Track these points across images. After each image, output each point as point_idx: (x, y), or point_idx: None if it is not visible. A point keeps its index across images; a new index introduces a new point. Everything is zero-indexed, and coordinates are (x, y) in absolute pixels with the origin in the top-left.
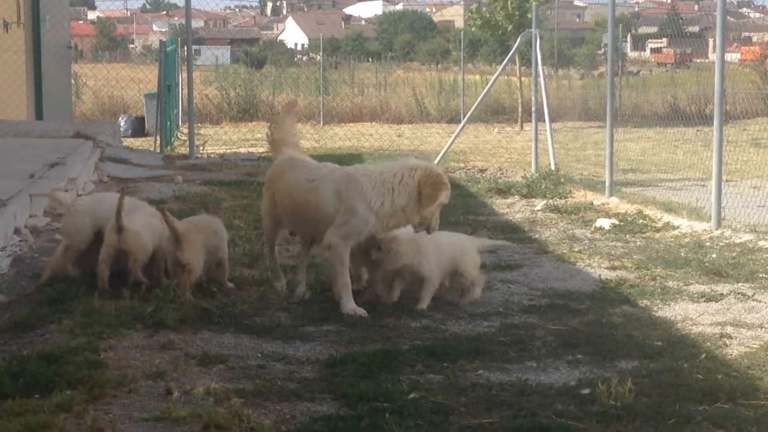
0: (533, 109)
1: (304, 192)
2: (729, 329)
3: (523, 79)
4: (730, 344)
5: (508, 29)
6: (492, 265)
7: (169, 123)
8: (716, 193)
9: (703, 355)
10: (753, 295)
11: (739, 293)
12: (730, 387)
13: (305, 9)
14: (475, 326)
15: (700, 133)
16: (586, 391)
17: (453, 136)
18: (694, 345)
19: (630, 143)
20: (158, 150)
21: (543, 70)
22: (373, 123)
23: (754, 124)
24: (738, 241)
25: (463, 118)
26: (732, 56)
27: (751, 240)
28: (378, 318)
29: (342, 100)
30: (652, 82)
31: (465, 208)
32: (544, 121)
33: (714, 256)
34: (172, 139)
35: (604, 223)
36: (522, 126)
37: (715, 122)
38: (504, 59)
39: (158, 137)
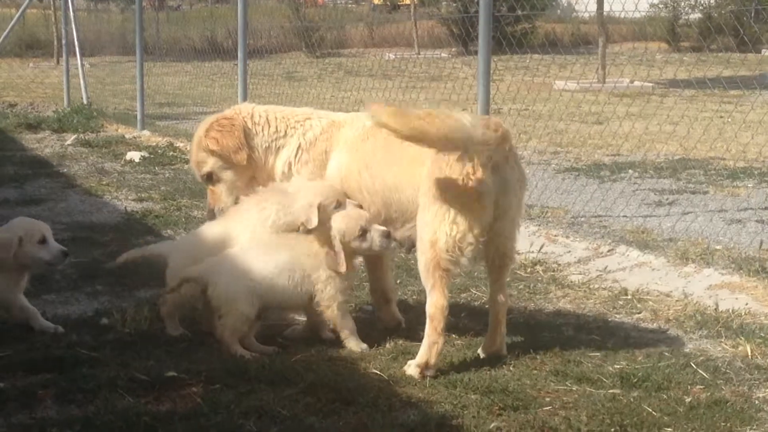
0: (64, 42)
1: None
2: None
3: (58, 12)
4: None
5: None
6: (16, 200)
7: None
8: None
9: None
10: None
11: None
12: None
13: None
14: None
15: (236, 67)
16: (104, 321)
17: None
18: None
19: (168, 77)
20: None
21: (73, 3)
22: None
23: (289, 59)
24: None
25: None
26: None
27: None
28: None
29: None
30: (191, 17)
31: None
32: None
33: None
34: None
35: (135, 155)
36: (58, 61)
37: (240, 55)
38: None
39: None
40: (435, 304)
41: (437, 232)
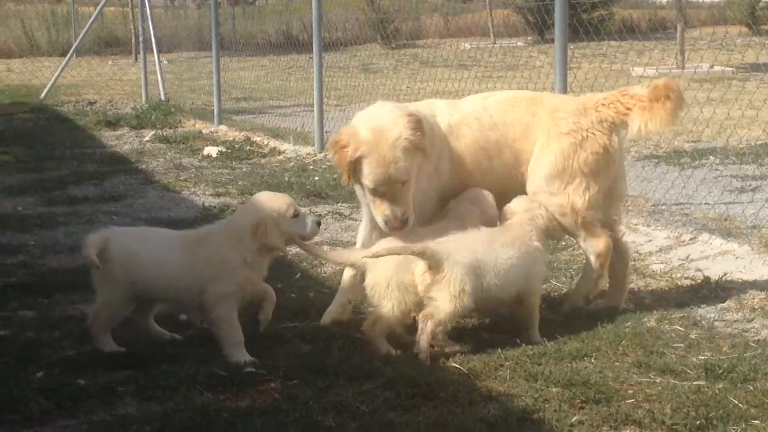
0: (141, 39)
1: None
2: (326, 247)
3: (135, 10)
4: (325, 263)
5: None
6: (96, 197)
7: None
8: (318, 117)
9: (298, 275)
10: (350, 215)
11: (336, 213)
12: (321, 304)
13: None
14: (75, 260)
15: (312, 60)
16: (183, 317)
17: (60, 69)
18: (290, 265)
19: (244, 72)
20: None
21: (149, 0)
22: None
23: (364, 50)
24: None
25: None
26: None
27: None
28: None
29: None
30: (267, 11)
31: (72, 142)
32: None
33: (316, 178)
34: None
35: (212, 150)
36: (136, 58)
37: (315, 48)
38: None
39: None
40: (600, 244)
41: (571, 196)
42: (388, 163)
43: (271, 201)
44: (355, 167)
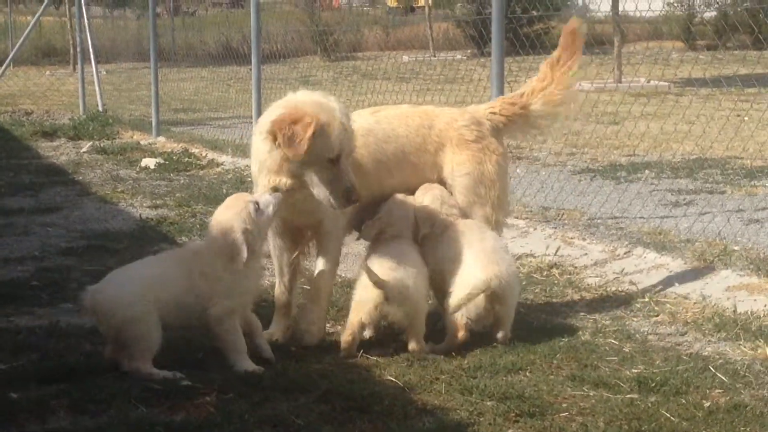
0: (79, 49)
1: None
2: None
3: (74, 20)
4: None
5: None
6: (31, 208)
7: None
8: None
9: None
10: None
11: None
12: (258, 316)
13: None
14: (9, 272)
15: (252, 72)
16: None
17: None
18: None
19: (184, 83)
20: None
21: (87, 10)
22: None
23: (305, 62)
24: None
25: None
26: None
27: None
28: None
29: None
30: (207, 22)
31: (8, 153)
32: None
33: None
34: None
35: (150, 162)
36: (75, 68)
37: (253, 60)
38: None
39: None
40: None
41: (495, 208)
42: (349, 130)
43: (230, 215)
44: (314, 141)
